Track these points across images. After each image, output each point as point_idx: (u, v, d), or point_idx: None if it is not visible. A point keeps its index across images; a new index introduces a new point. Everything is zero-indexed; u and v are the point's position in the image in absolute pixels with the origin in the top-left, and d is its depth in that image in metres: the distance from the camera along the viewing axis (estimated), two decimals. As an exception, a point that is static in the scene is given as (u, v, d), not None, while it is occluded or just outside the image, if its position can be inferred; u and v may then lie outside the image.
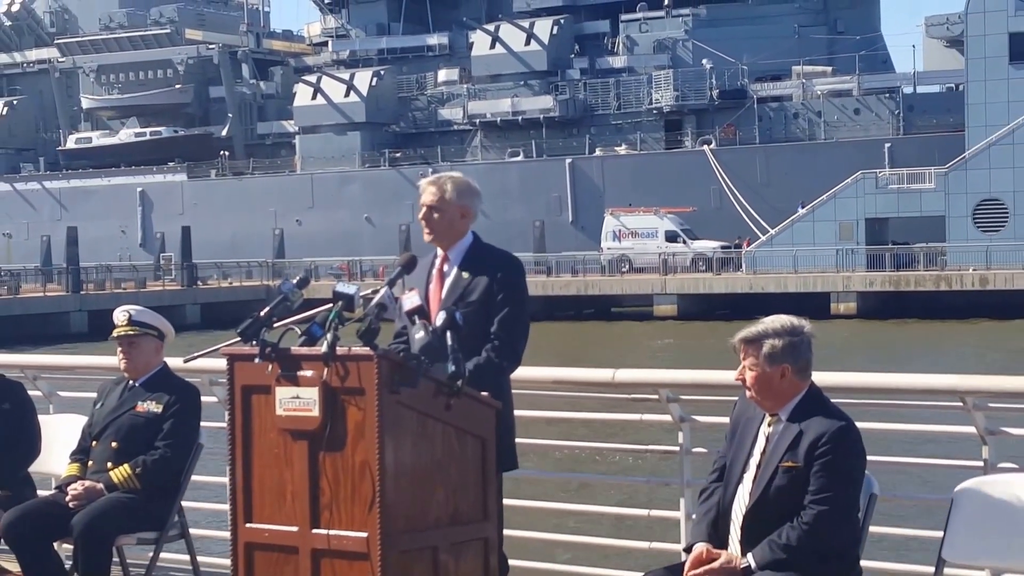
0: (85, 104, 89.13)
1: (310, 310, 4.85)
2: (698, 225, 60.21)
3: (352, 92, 76.63)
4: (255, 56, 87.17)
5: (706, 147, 67.30)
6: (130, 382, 6.32)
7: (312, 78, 79.35)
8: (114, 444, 6.17)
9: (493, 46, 74.93)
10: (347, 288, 4.71)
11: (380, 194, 72.22)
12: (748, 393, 4.72)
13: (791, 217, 57.68)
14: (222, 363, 4.92)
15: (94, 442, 6.27)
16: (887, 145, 63.03)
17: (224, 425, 4.92)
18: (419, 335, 4.80)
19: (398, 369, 4.49)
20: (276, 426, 4.65)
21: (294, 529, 4.62)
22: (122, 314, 6.35)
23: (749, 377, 4.68)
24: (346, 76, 77.80)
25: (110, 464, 6.13)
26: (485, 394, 4.81)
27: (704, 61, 70.44)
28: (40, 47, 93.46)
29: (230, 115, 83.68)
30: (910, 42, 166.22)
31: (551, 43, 74.10)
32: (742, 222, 61.23)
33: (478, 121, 74.78)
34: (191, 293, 60.01)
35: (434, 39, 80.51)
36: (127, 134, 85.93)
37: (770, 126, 68.62)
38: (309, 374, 4.57)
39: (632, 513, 6.88)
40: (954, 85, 66.22)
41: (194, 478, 6.34)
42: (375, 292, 4.90)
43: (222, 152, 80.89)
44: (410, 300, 4.97)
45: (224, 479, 5.03)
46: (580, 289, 57.69)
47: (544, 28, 74.47)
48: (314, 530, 4.58)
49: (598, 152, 70.81)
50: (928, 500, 6.86)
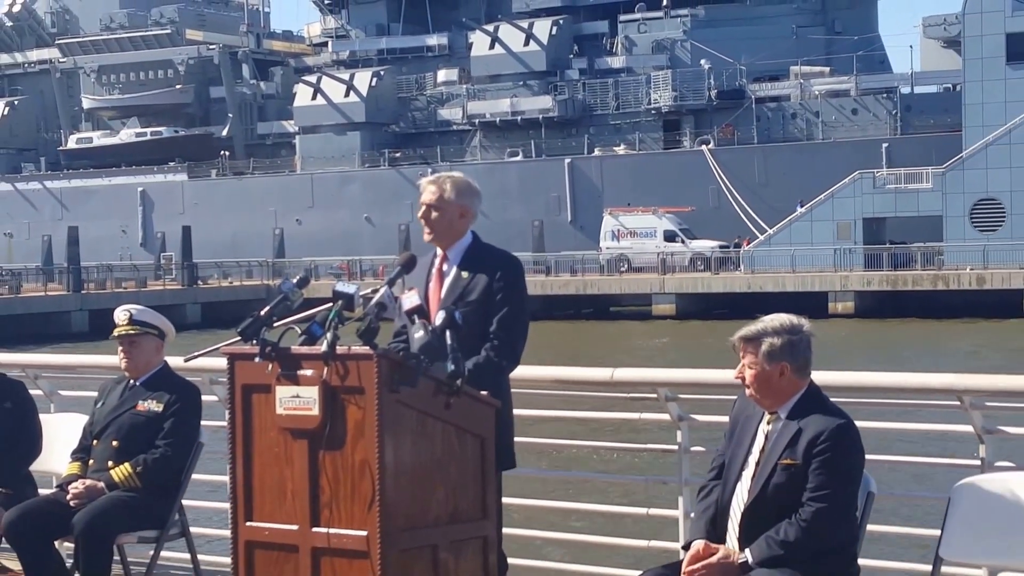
0: (86, 104, 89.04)
1: (310, 309, 4.86)
2: (696, 225, 60.16)
3: (352, 92, 76.58)
4: (255, 56, 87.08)
5: (704, 147, 67.26)
6: (131, 381, 6.33)
7: (312, 78, 79.29)
8: (115, 443, 6.18)
9: (492, 46, 74.86)
10: (347, 287, 4.72)
11: (380, 194, 72.17)
12: (747, 391, 4.74)
13: (789, 217, 57.66)
14: (222, 362, 4.94)
15: (95, 441, 6.28)
16: (885, 145, 62.99)
17: (224, 424, 4.93)
18: (418, 334, 4.80)
19: (398, 368, 4.50)
20: (276, 425, 4.66)
21: (294, 528, 4.63)
22: (123, 313, 6.37)
23: (748, 375, 4.70)
24: (346, 76, 77.73)
25: (111, 463, 6.14)
26: (484, 393, 4.82)
27: (702, 61, 70.36)
28: (41, 47, 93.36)
29: (230, 115, 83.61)
30: (907, 42, 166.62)
31: (550, 43, 74.04)
32: (740, 222, 61.19)
33: (477, 121, 74.71)
34: (191, 292, 59.95)
35: (433, 39, 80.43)
36: (128, 134, 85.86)
37: (768, 126, 68.56)
38: (309, 373, 4.58)
39: (630, 511, 6.88)
40: (951, 85, 66.25)
41: (195, 477, 6.35)
42: (375, 291, 4.90)
43: (222, 152, 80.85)
44: (409, 299, 4.96)
45: (224, 478, 5.04)
46: (579, 288, 57.65)
47: (543, 28, 74.41)
48: (314, 528, 4.59)
49: (597, 152, 70.75)
50: (926, 498, 6.89)
